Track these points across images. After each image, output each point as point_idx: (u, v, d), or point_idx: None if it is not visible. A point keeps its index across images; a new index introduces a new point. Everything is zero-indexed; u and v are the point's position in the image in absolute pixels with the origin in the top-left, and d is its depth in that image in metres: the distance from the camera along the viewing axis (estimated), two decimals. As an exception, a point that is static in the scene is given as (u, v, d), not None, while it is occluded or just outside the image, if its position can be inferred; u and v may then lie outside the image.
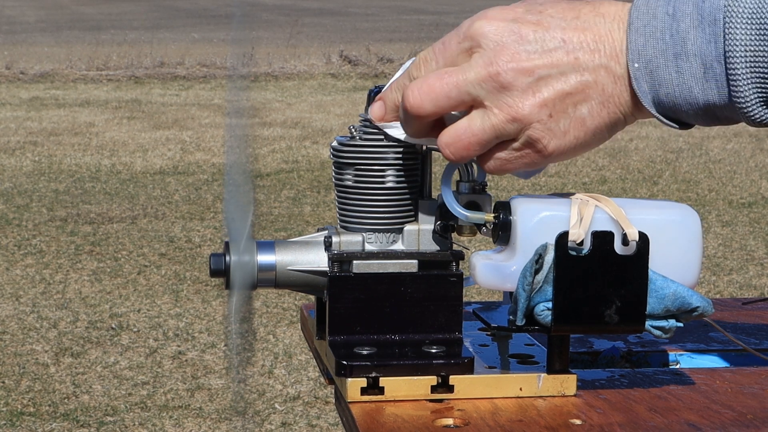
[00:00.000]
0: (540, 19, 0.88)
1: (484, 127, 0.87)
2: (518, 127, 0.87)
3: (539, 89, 0.86)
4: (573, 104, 0.87)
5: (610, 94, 0.87)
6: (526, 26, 0.87)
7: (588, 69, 0.86)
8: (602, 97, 0.87)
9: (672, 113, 0.87)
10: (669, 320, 0.92)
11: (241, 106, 1.04)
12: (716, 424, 0.90)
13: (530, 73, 0.86)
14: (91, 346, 4.04)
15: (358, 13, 25.46)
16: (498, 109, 0.86)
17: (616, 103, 0.87)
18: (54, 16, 23.77)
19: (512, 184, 6.71)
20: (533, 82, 0.86)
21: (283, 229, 5.70)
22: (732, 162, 7.76)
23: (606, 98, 0.87)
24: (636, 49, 0.85)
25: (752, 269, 5.08)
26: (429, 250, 0.97)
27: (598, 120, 0.88)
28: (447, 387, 0.93)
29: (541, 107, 0.86)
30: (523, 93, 0.86)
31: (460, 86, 0.87)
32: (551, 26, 0.87)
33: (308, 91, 11.91)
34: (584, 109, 0.87)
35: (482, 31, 0.87)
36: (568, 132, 0.87)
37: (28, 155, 7.86)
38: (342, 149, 0.97)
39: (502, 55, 0.86)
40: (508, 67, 0.86)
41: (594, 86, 0.87)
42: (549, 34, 0.87)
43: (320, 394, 3.60)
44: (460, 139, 0.88)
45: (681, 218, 0.93)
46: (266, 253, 0.97)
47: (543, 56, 0.86)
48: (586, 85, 0.86)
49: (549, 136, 0.87)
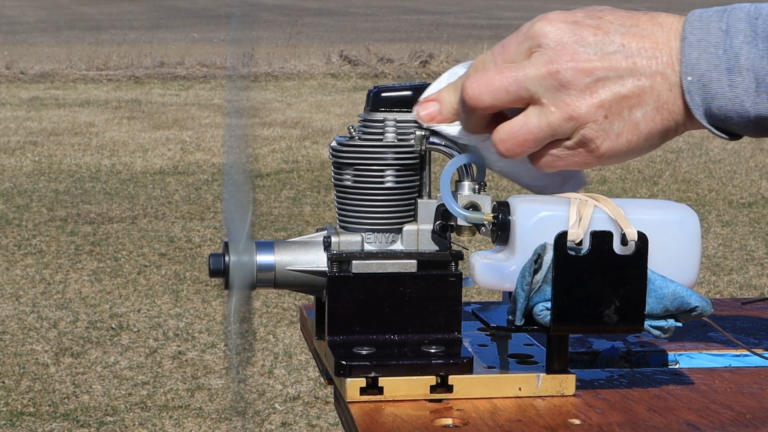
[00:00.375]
0: (600, 24, 0.89)
1: (541, 124, 0.89)
2: (574, 126, 0.88)
3: (597, 90, 0.88)
4: (629, 107, 0.88)
5: (665, 101, 0.88)
6: (586, 29, 0.89)
7: (645, 74, 0.88)
8: (657, 102, 0.88)
9: (723, 125, 0.89)
10: (668, 320, 0.92)
11: (241, 106, 1.04)
12: (715, 423, 0.90)
13: (589, 73, 0.87)
14: (91, 346, 4.04)
15: (358, 13, 25.46)
16: (555, 107, 0.88)
17: (670, 111, 0.89)
18: (54, 16, 23.77)
19: (512, 184, 6.69)
20: (592, 82, 0.88)
21: (283, 229, 5.70)
22: (732, 162, 7.76)
23: (661, 104, 0.88)
24: (690, 62, 0.87)
25: (752, 269, 5.08)
26: (428, 250, 0.97)
27: (651, 125, 0.89)
28: (446, 387, 0.93)
29: (597, 108, 0.88)
30: (581, 93, 0.88)
31: (520, 82, 0.88)
32: (611, 31, 0.89)
33: (308, 91, 11.92)
34: (639, 113, 0.89)
35: (543, 32, 0.88)
36: (621, 135, 0.89)
37: (28, 155, 7.86)
38: (341, 149, 0.97)
39: (563, 55, 0.88)
40: (568, 66, 0.87)
41: (650, 91, 0.88)
42: (608, 38, 0.88)
43: (320, 394, 3.60)
44: (515, 136, 0.89)
45: (680, 218, 0.93)
46: (265, 253, 0.97)
47: (602, 59, 0.88)
48: (642, 90, 0.88)
49: (602, 137, 0.89)
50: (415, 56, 13.50)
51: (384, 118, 0.97)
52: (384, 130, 0.97)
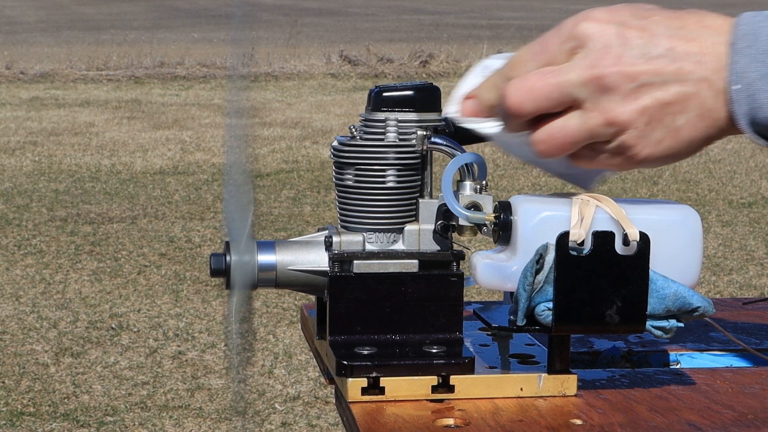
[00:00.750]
0: (646, 25, 0.87)
1: (581, 128, 0.87)
2: (614, 131, 0.86)
3: (640, 96, 0.85)
4: (671, 114, 0.86)
5: (709, 108, 0.86)
6: (631, 30, 0.86)
7: (690, 80, 0.86)
8: (701, 110, 0.86)
9: (766, 132, 0.87)
10: (670, 320, 0.92)
11: (241, 106, 1.04)
12: (717, 424, 0.90)
13: (633, 78, 0.85)
14: (91, 346, 4.04)
15: (358, 13, 25.46)
16: (597, 111, 0.86)
17: (714, 118, 0.86)
18: (54, 16, 23.77)
19: (512, 184, 6.71)
20: (635, 87, 0.85)
21: (283, 229, 5.70)
22: (732, 162, 7.76)
23: (705, 112, 0.86)
24: (737, 70, 0.85)
25: (752, 269, 5.08)
26: (429, 250, 0.97)
27: (694, 132, 0.87)
28: (447, 387, 0.93)
29: (640, 114, 0.86)
30: (624, 98, 0.85)
31: (562, 87, 0.86)
32: (657, 33, 0.86)
33: (308, 91, 11.92)
34: (682, 120, 0.86)
35: (588, 32, 0.86)
36: (662, 141, 0.87)
37: (28, 155, 7.86)
38: (342, 149, 0.97)
39: (607, 58, 0.85)
40: (612, 70, 0.85)
41: (694, 98, 0.86)
42: (655, 41, 0.86)
43: (320, 394, 3.60)
44: (554, 138, 0.87)
45: (681, 218, 0.93)
46: (267, 252, 0.97)
47: (648, 62, 0.85)
48: (686, 97, 0.86)
49: (642, 144, 0.87)
50: (415, 56, 13.51)
51: (385, 118, 0.97)
52: (385, 129, 0.97)
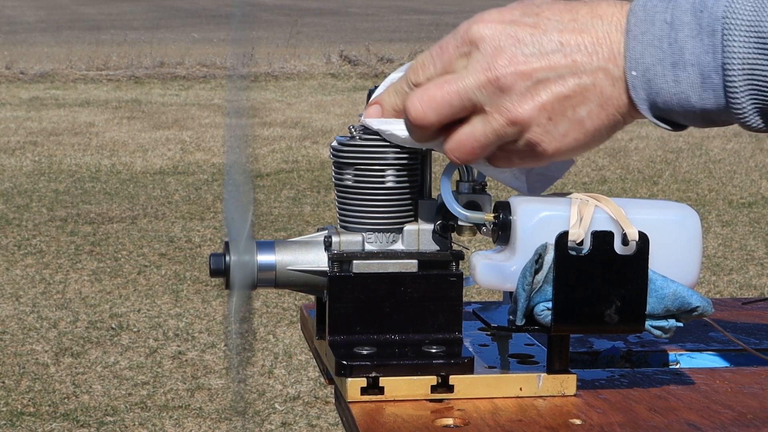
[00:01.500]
0: (537, 22, 0.88)
1: (486, 131, 0.88)
2: (518, 130, 0.87)
3: (538, 93, 0.86)
4: (572, 107, 0.87)
5: (608, 96, 0.87)
6: (523, 29, 0.87)
7: (586, 72, 0.87)
8: (601, 99, 0.87)
9: (667, 116, 0.88)
10: (669, 320, 0.92)
11: (241, 106, 1.04)
12: (716, 424, 0.90)
13: (528, 76, 0.86)
14: (91, 346, 4.04)
15: (358, 13, 25.46)
16: (498, 113, 0.87)
17: (615, 105, 0.87)
18: (54, 16, 23.77)
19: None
20: (532, 85, 0.86)
21: (283, 229, 5.70)
22: (732, 162, 7.76)
23: (605, 100, 0.87)
24: (634, 57, 0.86)
25: (752, 269, 5.08)
26: (429, 250, 0.97)
27: (597, 121, 0.88)
28: (447, 387, 0.93)
29: (540, 110, 0.86)
30: (522, 96, 0.86)
31: (461, 94, 0.87)
32: (548, 29, 0.87)
33: (308, 91, 11.92)
34: (583, 112, 0.87)
35: (480, 35, 0.87)
36: (567, 134, 0.88)
37: (28, 155, 7.86)
38: (342, 149, 0.97)
39: (500, 59, 0.86)
40: (506, 71, 0.86)
41: (592, 89, 0.87)
42: (546, 37, 0.87)
43: (320, 394, 3.60)
44: (464, 145, 0.89)
45: (681, 218, 0.93)
46: (266, 252, 0.97)
47: (541, 59, 0.86)
48: (584, 88, 0.87)
49: (548, 139, 0.88)
50: (415, 56, 13.49)
51: (385, 118, 0.97)
52: (385, 129, 0.96)
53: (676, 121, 0.88)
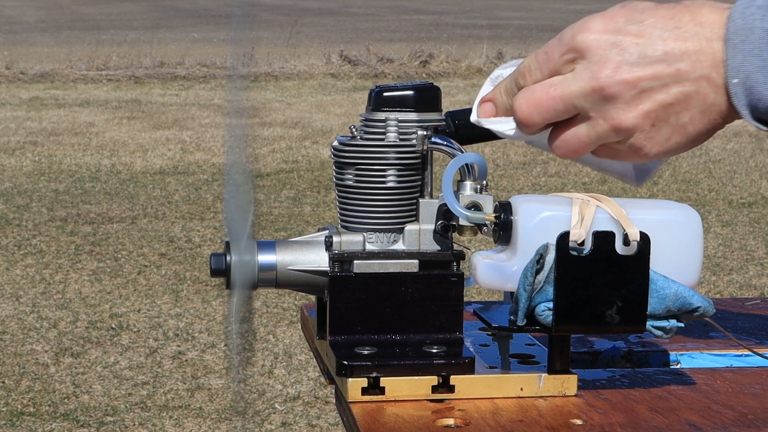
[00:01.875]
0: (641, 30, 0.90)
1: (590, 135, 0.91)
2: (622, 136, 0.90)
3: (642, 101, 0.89)
4: (675, 113, 0.90)
5: (711, 103, 0.89)
6: (627, 38, 0.89)
7: (689, 80, 0.89)
8: (703, 105, 0.90)
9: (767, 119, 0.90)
10: (670, 320, 0.92)
11: (241, 106, 1.04)
12: (717, 424, 0.90)
13: (633, 86, 0.89)
14: (91, 346, 4.04)
15: (358, 13, 25.45)
16: (602, 119, 0.90)
17: (717, 111, 0.90)
18: (54, 16, 23.77)
19: (512, 184, 6.70)
20: (636, 94, 0.89)
21: (283, 229, 5.70)
22: (732, 162, 7.75)
23: (707, 107, 0.90)
24: (734, 65, 0.88)
25: (752, 269, 5.08)
26: (430, 250, 0.97)
27: (699, 127, 0.90)
28: (448, 387, 0.93)
29: (644, 118, 0.89)
30: (627, 105, 0.89)
31: (566, 100, 0.90)
32: (653, 36, 0.89)
33: (308, 91, 11.91)
34: (686, 118, 0.90)
35: (585, 44, 0.90)
36: (669, 139, 0.91)
37: (28, 155, 7.86)
38: (343, 149, 0.97)
39: (606, 69, 0.89)
40: (611, 81, 0.88)
41: (696, 96, 0.89)
42: (651, 46, 0.89)
43: (320, 394, 3.60)
44: (569, 144, 0.92)
45: (682, 218, 0.93)
46: (267, 252, 0.97)
47: (645, 68, 0.89)
48: (687, 96, 0.89)
49: (651, 144, 0.91)
50: (415, 56, 13.50)
51: (386, 118, 0.97)
52: (386, 129, 0.97)
53: None
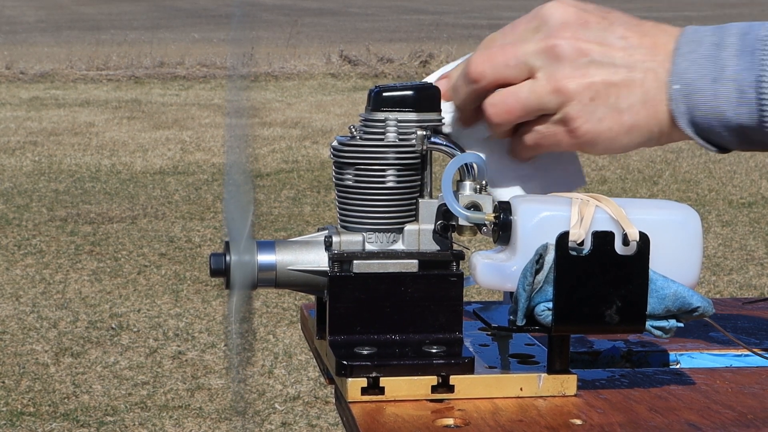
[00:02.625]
0: (606, 16, 0.93)
1: (529, 93, 0.92)
2: (559, 101, 0.91)
3: (589, 71, 0.91)
4: (616, 95, 0.91)
5: (652, 97, 0.91)
6: (592, 15, 0.92)
7: (639, 68, 0.91)
8: (645, 97, 0.91)
9: (707, 135, 0.91)
10: (669, 320, 0.92)
11: (241, 106, 1.04)
12: (717, 424, 0.90)
13: (585, 53, 0.91)
14: (91, 346, 4.04)
15: (358, 13, 25.46)
16: (546, 79, 0.91)
17: (655, 109, 0.91)
18: (54, 16, 23.77)
19: (512, 184, 6.69)
20: (586, 63, 0.91)
21: (283, 229, 5.70)
22: (732, 162, 7.76)
23: (648, 99, 0.91)
24: (678, 71, 0.90)
25: (752, 269, 5.08)
26: (429, 250, 0.97)
27: (635, 118, 0.91)
28: (447, 387, 0.93)
29: (585, 88, 0.91)
30: (574, 70, 0.91)
31: (519, 56, 0.92)
32: (615, 23, 0.92)
33: (308, 91, 11.92)
34: (624, 104, 0.91)
35: (550, 12, 0.92)
36: (603, 120, 0.91)
37: (28, 155, 7.86)
38: (342, 149, 0.97)
39: (564, 31, 0.91)
40: (566, 42, 0.91)
41: (640, 85, 0.91)
42: (611, 29, 0.92)
43: (320, 394, 3.60)
44: (505, 102, 0.93)
45: (681, 218, 0.93)
46: (266, 252, 0.97)
47: (601, 44, 0.91)
48: (632, 81, 0.91)
49: (584, 119, 0.91)
50: (415, 56, 13.51)
51: (385, 118, 0.97)
52: (385, 129, 0.97)
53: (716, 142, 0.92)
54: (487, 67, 0.92)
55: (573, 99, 0.91)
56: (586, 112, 0.91)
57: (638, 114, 0.91)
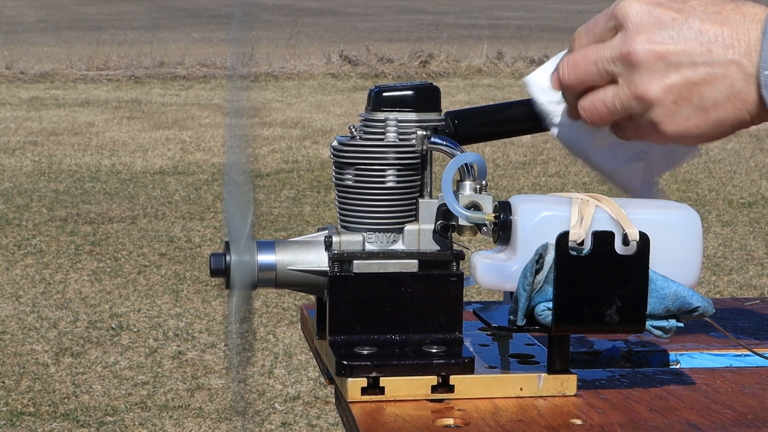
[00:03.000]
0: (682, 8, 0.92)
1: (614, 100, 0.93)
2: (643, 106, 0.92)
3: (668, 74, 0.90)
4: (699, 93, 0.90)
5: (738, 90, 0.90)
6: (666, 12, 0.91)
7: (719, 62, 0.90)
8: (730, 91, 0.90)
9: None
10: (669, 320, 0.92)
11: (241, 106, 1.04)
12: (717, 424, 0.90)
13: (662, 57, 0.90)
14: (91, 346, 4.04)
15: (358, 13, 25.45)
16: (627, 86, 0.92)
17: (744, 101, 0.90)
18: (54, 16, 23.77)
19: (512, 184, 6.70)
20: (664, 66, 0.90)
21: (283, 229, 5.70)
22: (732, 162, 7.75)
23: (734, 93, 0.90)
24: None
25: (752, 269, 5.08)
26: (429, 250, 0.97)
27: (722, 113, 0.91)
28: (447, 387, 0.93)
29: (667, 92, 0.90)
30: (652, 75, 0.91)
31: (598, 62, 0.93)
32: (691, 15, 0.91)
33: (308, 91, 11.91)
34: (709, 100, 0.90)
35: (625, 11, 0.92)
36: (689, 119, 0.91)
37: (28, 155, 7.86)
38: (342, 149, 0.97)
39: (639, 36, 0.91)
40: (641, 48, 0.90)
41: (722, 79, 0.90)
42: (687, 23, 0.91)
43: (320, 394, 3.60)
44: (594, 105, 0.94)
45: (681, 218, 0.93)
46: (266, 252, 0.97)
47: (677, 43, 0.90)
48: (714, 77, 0.90)
49: (669, 121, 0.92)
50: (415, 56, 13.50)
51: (385, 118, 0.97)
52: (385, 129, 0.97)
53: None
54: (572, 75, 0.95)
55: (655, 104, 0.91)
56: (671, 115, 0.91)
57: (725, 108, 0.90)
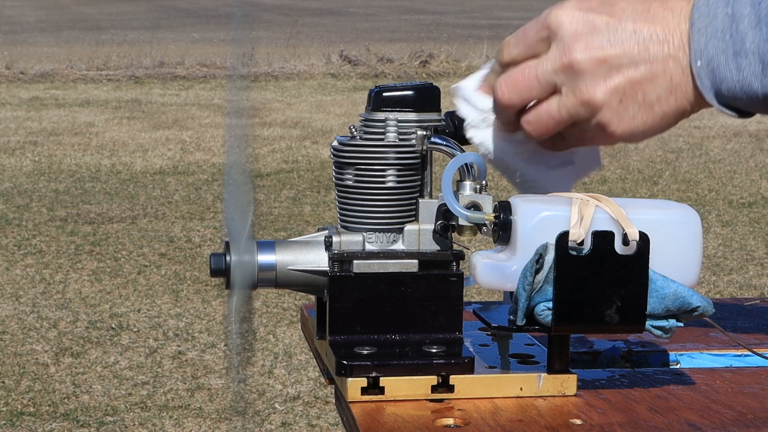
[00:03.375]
0: (613, 11, 0.94)
1: (560, 110, 0.94)
2: (590, 111, 0.93)
3: (611, 76, 0.92)
4: (642, 91, 0.92)
5: (677, 83, 0.92)
6: (599, 17, 0.93)
7: (657, 59, 0.92)
8: (670, 85, 0.92)
9: (732, 104, 0.93)
10: (669, 320, 0.92)
11: (241, 106, 1.04)
12: (716, 424, 0.90)
13: (603, 61, 0.92)
14: (91, 346, 4.04)
15: (358, 13, 25.45)
16: (572, 94, 0.93)
17: (683, 92, 0.93)
18: (54, 16, 23.76)
19: (512, 185, 6.69)
20: (606, 70, 0.92)
21: (283, 229, 5.70)
22: (732, 162, 7.75)
23: (674, 86, 0.92)
24: (698, 48, 0.91)
25: (752, 269, 5.08)
26: (429, 249, 0.97)
27: (665, 107, 0.93)
28: (447, 387, 0.93)
29: (612, 93, 0.92)
30: (596, 79, 0.92)
31: (540, 77, 0.94)
32: (623, 17, 0.93)
33: (308, 91, 11.91)
34: (653, 96, 0.93)
35: (558, 21, 0.93)
36: (636, 117, 0.93)
37: (28, 155, 7.86)
38: (342, 149, 0.97)
39: (577, 44, 0.92)
40: (581, 56, 0.92)
41: (662, 75, 0.92)
42: (621, 25, 0.93)
43: (320, 394, 3.60)
44: (540, 119, 0.95)
45: (681, 218, 0.93)
46: (267, 252, 0.97)
47: (615, 46, 0.92)
48: (654, 74, 0.92)
49: (618, 121, 0.93)
50: (415, 56, 13.50)
51: (385, 118, 0.97)
52: (385, 129, 0.97)
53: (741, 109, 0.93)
54: (514, 94, 0.95)
55: (602, 107, 0.93)
56: (618, 115, 0.93)
57: (668, 101, 0.93)
